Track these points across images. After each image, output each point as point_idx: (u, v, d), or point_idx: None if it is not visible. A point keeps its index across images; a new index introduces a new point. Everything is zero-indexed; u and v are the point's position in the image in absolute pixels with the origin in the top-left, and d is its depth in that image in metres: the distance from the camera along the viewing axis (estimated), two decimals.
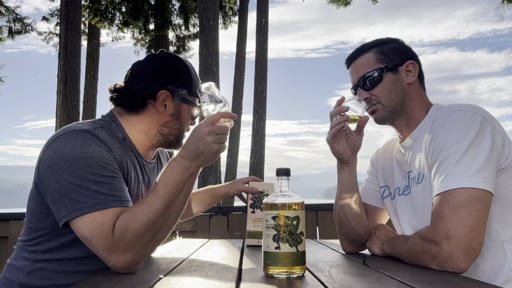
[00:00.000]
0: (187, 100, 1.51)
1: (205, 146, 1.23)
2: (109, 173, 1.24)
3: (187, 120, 1.55)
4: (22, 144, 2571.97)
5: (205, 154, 1.23)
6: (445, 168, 1.22)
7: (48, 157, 1.25)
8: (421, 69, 1.53)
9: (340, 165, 1.54)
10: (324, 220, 3.03)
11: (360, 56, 1.52)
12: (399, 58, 1.49)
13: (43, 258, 1.36)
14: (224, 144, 1.27)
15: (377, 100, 1.48)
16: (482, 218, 1.16)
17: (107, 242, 1.14)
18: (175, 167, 1.23)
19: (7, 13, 14.64)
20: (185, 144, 1.26)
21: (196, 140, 1.23)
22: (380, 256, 1.46)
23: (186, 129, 1.57)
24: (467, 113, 1.27)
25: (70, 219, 1.18)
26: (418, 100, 1.48)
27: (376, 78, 1.47)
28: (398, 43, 1.53)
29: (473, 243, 1.13)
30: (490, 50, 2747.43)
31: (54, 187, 1.21)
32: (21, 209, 16.15)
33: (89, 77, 14.14)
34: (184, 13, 15.44)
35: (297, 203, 1.09)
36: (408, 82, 1.47)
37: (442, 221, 1.17)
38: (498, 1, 13.15)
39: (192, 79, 1.54)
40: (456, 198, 1.17)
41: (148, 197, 1.20)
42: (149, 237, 1.17)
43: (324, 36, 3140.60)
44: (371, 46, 1.52)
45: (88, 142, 1.25)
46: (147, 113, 1.49)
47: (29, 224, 1.39)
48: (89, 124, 1.37)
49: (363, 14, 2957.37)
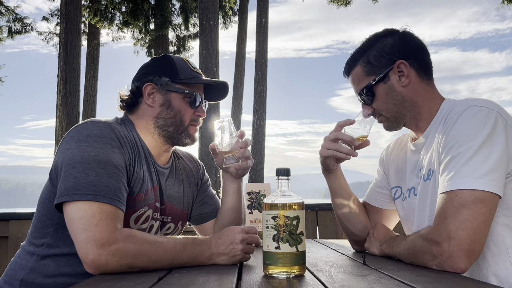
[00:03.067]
0: (173, 87, 1.53)
1: (232, 250, 1.28)
2: (113, 169, 1.28)
3: (183, 108, 1.54)
4: (22, 144, 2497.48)
5: (228, 255, 1.29)
6: (453, 166, 1.19)
7: (64, 142, 1.35)
8: (423, 61, 1.42)
9: (326, 173, 1.56)
10: (324, 220, 3.02)
11: (351, 71, 1.49)
12: (386, 62, 1.40)
13: (48, 252, 1.38)
14: (249, 256, 1.33)
15: (379, 113, 1.46)
16: (486, 221, 1.13)
17: (99, 234, 1.16)
18: (201, 245, 1.28)
19: (7, 13, 14.63)
20: (218, 240, 1.30)
21: (229, 242, 1.29)
22: (380, 256, 1.46)
23: (186, 119, 1.55)
24: (483, 109, 1.22)
25: (61, 201, 1.23)
26: (423, 98, 1.41)
27: (369, 94, 1.43)
28: (384, 41, 1.42)
29: (474, 245, 1.12)
30: (491, 50, 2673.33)
31: (60, 167, 1.29)
32: (21, 209, 16.16)
33: (89, 77, 14.12)
34: (184, 13, 15.43)
35: (297, 203, 1.09)
36: (403, 86, 1.40)
37: (445, 222, 1.15)
38: (499, 1, 13.14)
39: (175, 67, 1.54)
40: (461, 199, 1.14)
41: (166, 240, 1.26)
42: (137, 262, 1.19)
43: (326, 36, 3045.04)
44: (358, 57, 1.46)
45: (103, 132, 1.33)
46: (141, 110, 1.55)
47: (38, 214, 1.44)
48: (109, 119, 1.46)
49: (365, 13, 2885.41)
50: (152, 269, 1.21)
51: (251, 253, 1.33)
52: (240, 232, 1.31)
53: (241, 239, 1.29)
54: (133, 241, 1.18)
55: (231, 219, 1.67)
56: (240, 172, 1.64)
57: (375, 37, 1.45)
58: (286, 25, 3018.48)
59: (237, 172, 1.63)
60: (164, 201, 1.55)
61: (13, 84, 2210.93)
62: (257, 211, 1.82)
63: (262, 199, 1.79)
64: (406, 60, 1.40)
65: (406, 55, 1.40)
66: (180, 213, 1.63)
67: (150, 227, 1.49)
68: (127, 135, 1.43)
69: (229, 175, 1.66)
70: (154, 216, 1.49)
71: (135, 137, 1.48)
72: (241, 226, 1.37)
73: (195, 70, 1.59)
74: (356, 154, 1.45)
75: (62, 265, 1.37)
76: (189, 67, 1.58)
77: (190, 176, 1.72)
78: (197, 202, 1.73)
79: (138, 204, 1.41)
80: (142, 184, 1.44)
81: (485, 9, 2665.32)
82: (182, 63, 1.57)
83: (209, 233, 1.71)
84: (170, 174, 1.61)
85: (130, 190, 1.38)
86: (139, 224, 1.44)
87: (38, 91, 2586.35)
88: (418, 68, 1.41)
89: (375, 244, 1.47)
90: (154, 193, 1.49)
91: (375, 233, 1.51)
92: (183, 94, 1.54)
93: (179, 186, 1.64)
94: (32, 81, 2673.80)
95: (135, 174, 1.41)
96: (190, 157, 1.79)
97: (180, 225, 1.66)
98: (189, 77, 1.55)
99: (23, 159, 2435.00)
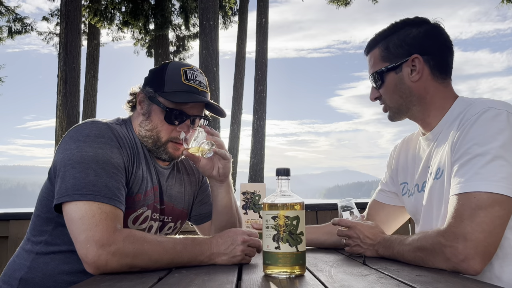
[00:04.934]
0: (154, 99, 1.47)
1: (232, 250, 1.28)
2: (112, 169, 1.29)
3: (160, 123, 1.46)
4: (23, 144, 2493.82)
5: (228, 255, 1.28)
6: (471, 168, 1.17)
7: (63, 142, 1.35)
8: (442, 60, 1.39)
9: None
10: (324, 220, 3.02)
11: (370, 51, 1.47)
12: (404, 53, 1.38)
13: (47, 250, 1.39)
14: (250, 259, 1.32)
15: (384, 101, 1.46)
16: (502, 224, 1.13)
17: (99, 234, 1.16)
18: (202, 245, 1.29)
19: (7, 13, 14.63)
20: (219, 239, 1.31)
21: (230, 242, 1.29)
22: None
23: (163, 135, 1.46)
24: (502, 112, 1.21)
25: (61, 202, 1.23)
26: (432, 96, 1.38)
27: (379, 79, 1.43)
28: (409, 31, 1.39)
29: (490, 248, 1.12)
30: (492, 50, 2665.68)
31: (59, 168, 1.29)
32: (21, 209, 16.15)
33: (89, 77, 14.12)
34: (184, 13, 15.42)
35: (297, 203, 1.09)
36: (412, 80, 1.38)
37: (461, 223, 1.13)
38: (499, 0, 13.12)
39: (164, 78, 1.47)
40: (479, 201, 1.13)
41: (166, 239, 1.26)
42: (137, 262, 1.19)
43: (326, 35, 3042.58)
44: (380, 39, 1.44)
45: (101, 133, 1.33)
46: (135, 114, 1.54)
47: (37, 212, 1.45)
48: (109, 120, 1.46)
49: (366, 13, 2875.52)
50: (153, 269, 1.21)
51: (251, 256, 1.32)
52: (241, 233, 1.31)
53: (242, 240, 1.29)
54: (133, 241, 1.19)
55: (223, 223, 1.63)
56: (221, 170, 1.54)
57: (402, 23, 1.42)
58: (287, 25, 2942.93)
59: (219, 172, 1.53)
60: (164, 201, 1.55)
61: (14, 84, 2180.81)
62: (251, 211, 1.81)
63: (257, 199, 1.78)
64: (423, 56, 1.37)
65: (424, 51, 1.38)
66: (180, 213, 1.63)
67: (149, 227, 1.48)
68: (126, 135, 1.43)
69: (213, 180, 1.58)
70: (153, 216, 1.49)
71: (135, 137, 1.48)
72: (243, 229, 1.37)
73: (187, 82, 1.47)
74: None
75: (60, 262, 1.37)
76: (180, 79, 1.47)
77: (191, 175, 1.71)
78: (197, 202, 1.73)
79: (137, 204, 1.42)
80: (141, 184, 1.43)
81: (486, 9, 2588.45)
82: (174, 73, 1.48)
83: (209, 233, 1.70)
84: (170, 174, 1.60)
85: (129, 190, 1.38)
86: (138, 224, 1.44)
87: (39, 91, 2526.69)
88: (433, 66, 1.38)
89: (368, 248, 1.40)
90: (154, 193, 1.49)
91: (361, 236, 1.42)
92: (162, 109, 1.45)
93: (180, 185, 1.64)
94: (33, 81, 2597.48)
95: (134, 174, 1.41)
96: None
97: (179, 223, 1.65)
98: (174, 90, 1.45)
99: (23, 159, 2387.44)
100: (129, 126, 1.50)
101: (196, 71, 1.52)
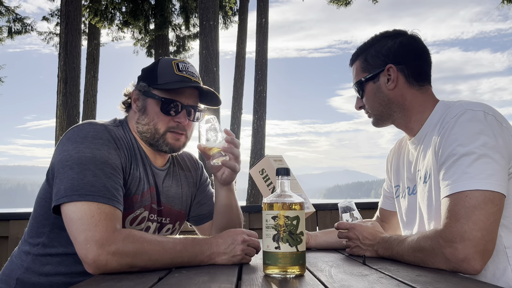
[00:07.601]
0: (148, 93, 1.48)
1: (232, 249, 1.28)
2: (110, 170, 1.29)
3: (156, 115, 1.46)
4: (23, 144, 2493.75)
5: (228, 255, 1.28)
6: (457, 169, 1.19)
7: (60, 143, 1.35)
8: (417, 68, 1.44)
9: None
10: (324, 220, 3.02)
11: (353, 63, 1.55)
12: (380, 63, 1.45)
13: (43, 252, 1.39)
14: (250, 258, 1.33)
15: (367, 109, 1.53)
16: (497, 221, 1.15)
17: (98, 234, 1.16)
18: (202, 244, 1.28)
19: (7, 13, 14.63)
20: (219, 239, 1.31)
21: (230, 242, 1.29)
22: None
23: (161, 126, 1.46)
24: (479, 113, 1.24)
25: (60, 203, 1.23)
26: (410, 103, 1.43)
27: (361, 89, 1.51)
28: (385, 43, 1.46)
29: (489, 246, 1.13)
30: (493, 50, 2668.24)
31: (57, 169, 1.29)
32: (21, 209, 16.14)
33: (89, 77, 14.12)
34: (184, 13, 15.42)
35: (297, 203, 1.09)
36: (389, 89, 1.44)
37: (457, 223, 1.14)
38: (500, 0, 13.11)
39: (156, 71, 1.49)
40: (472, 200, 1.14)
41: (166, 239, 1.26)
42: (137, 262, 1.19)
43: (327, 35, 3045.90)
44: (359, 52, 1.52)
45: (99, 134, 1.33)
46: (131, 113, 1.55)
47: (34, 214, 1.44)
48: (107, 121, 1.47)
49: (367, 13, 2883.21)
50: (153, 269, 1.21)
51: (251, 256, 1.33)
52: (241, 233, 1.31)
53: (242, 240, 1.29)
54: (132, 241, 1.19)
55: (224, 224, 1.63)
56: (225, 177, 1.55)
57: (380, 36, 1.50)
58: (288, 25, 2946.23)
59: (222, 177, 1.55)
60: (162, 202, 1.55)
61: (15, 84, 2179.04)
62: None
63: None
64: (397, 65, 1.44)
65: (399, 60, 1.44)
66: (178, 214, 1.63)
67: (146, 228, 1.48)
68: (123, 137, 1.43)
69: (217, 181, 1.59)
70: (150, 217, 1.49)
71: (132, 139, 1.48)
72: (243, 229, 1.37)
73: (180, 73, 1.49)
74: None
75: (57, 264, 1.38)
76: (172, 71, 1.48)
77: (189, 176, 1.70)
78: (195, 203, 1.72)
79: (134, 205, 1.42)
80: (139, 185, 1.44)
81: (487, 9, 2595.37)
82: (166, 66, 1.49)
83: (208, 234, 1.70)
84: (167, 175, 1.60)
85: (127, 191, 1.38)
86: (135, 225, 1.44)
87: (40, 91, 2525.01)
88: (408, 74, 1.44)
89: (368, 248, 1.42)
90: (150, 194, 1.48)
91: (360, 237, 1.44)
92: (157, 100, 1.47)
93: (177, 187, 1.63)
94: (33, 81, 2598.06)
95: (131, 175, 1.41)
96: (190, 156, 1.77)
97: (177, 225, 1.65)
98: (168, 81, 1.46)
99: (23, 159, 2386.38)
100: (126, 127, 1.50)
101: (188, 64, 1.54)
